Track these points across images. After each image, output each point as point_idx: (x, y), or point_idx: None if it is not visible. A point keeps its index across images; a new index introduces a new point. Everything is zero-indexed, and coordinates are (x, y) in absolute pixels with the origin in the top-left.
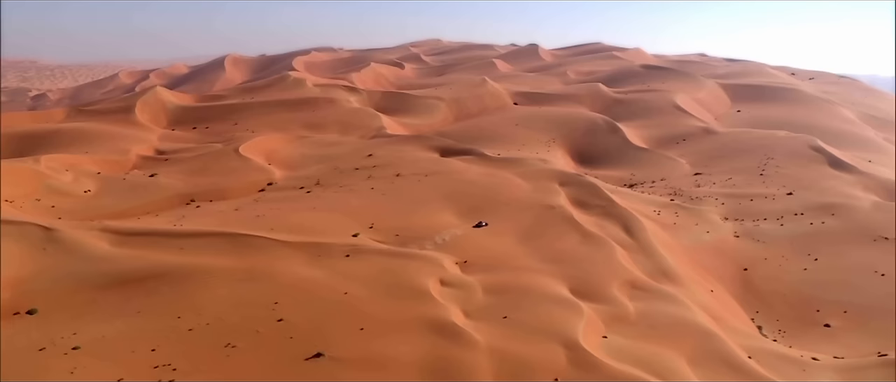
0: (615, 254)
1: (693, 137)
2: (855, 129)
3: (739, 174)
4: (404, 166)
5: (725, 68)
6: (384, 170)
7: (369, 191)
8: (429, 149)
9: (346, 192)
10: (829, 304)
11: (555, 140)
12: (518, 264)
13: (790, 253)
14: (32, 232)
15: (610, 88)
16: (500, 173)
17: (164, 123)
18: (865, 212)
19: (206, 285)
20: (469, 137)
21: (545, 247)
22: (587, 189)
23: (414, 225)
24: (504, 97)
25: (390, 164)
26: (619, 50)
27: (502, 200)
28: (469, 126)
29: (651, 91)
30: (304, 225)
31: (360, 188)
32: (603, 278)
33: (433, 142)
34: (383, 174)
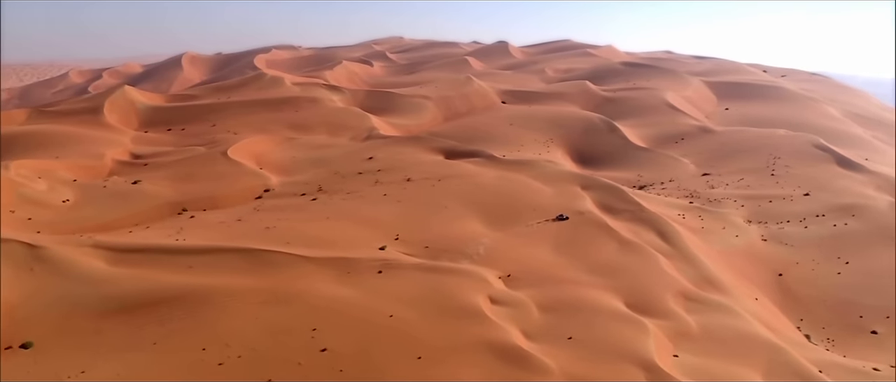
0: (659, 263)
1: (691, 136)
2: (843, 127)
3: (750, 174)
4: (411, 170)
5: (699, 65)
6: (391, 175)
7: (382, 198)
8: (432, 151)
9: (357, 200)
10: (870, 309)
11: (553, 140)
12: (563, 276)
13: (820, 256)
14: (15, 250)
15: (597, 86)
16: (515, 176)
17: (136, 125)
18: (884, 213)
19: (228, 310)
20: (465, 138)
21: (585, 257)
22: (612, 192)
23: (441, 236)
24: (491, 96)
25: (395, 168)
26: (592, 47)
27: (527, 206)
28: (461, 126)
29: (639, 89)
30: (322, 237)
31: (370, 195)
32: (654, 290)
33: (435, 143)
34: (391, 179)
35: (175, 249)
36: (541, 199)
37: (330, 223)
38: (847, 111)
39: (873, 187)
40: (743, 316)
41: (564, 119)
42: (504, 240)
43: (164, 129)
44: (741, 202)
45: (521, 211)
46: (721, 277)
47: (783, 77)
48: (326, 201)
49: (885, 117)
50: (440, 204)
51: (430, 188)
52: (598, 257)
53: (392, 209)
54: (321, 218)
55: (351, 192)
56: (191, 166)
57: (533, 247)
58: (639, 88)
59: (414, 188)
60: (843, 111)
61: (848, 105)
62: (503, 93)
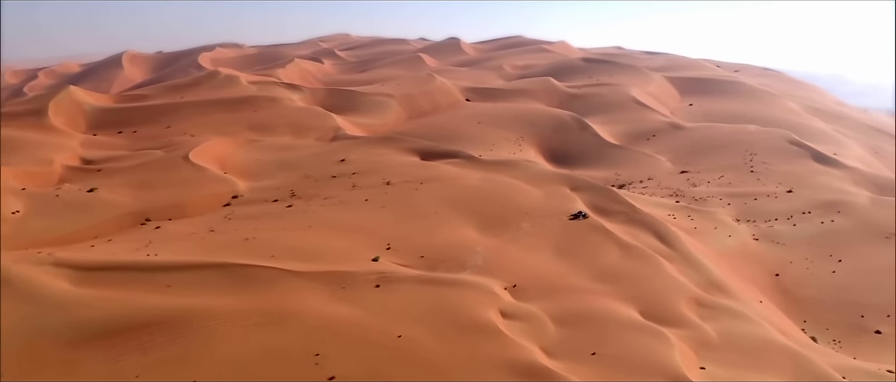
0: (664, 268)
1: (662, 133)
2: (805, 121)
3: (729, 171)
4: (389, 172)
5: (653, 61)
6: (368, 178)
7: (364, 204)
8: (407, 152)
9: (337, 206)
10: (870, 309)
11: (524, 138)
12: (570, 285)
13: (812, 255)
14: None
15: (561, 83)
16: (499, 178)
17: (83, 127)
18: (867, 210)
19: (217, 334)
20: (435, 137)
21: (588, 263)
22: (602, 193)
23: (435, 244)
24: (455, 93)
25: (371, 170)
26: (546, 43)
27: (519, 209)
28: (428, 125)
29: (604, 85)
30: (308, 248)
31: (351, 200)
32: (666, 296)
33: (409, 143)
34: (369, 182)
35: (148, 266)
36: (530, 202)
37: (313, 232)
38: (806, 105)
39: (851, 183)
40: (757, 322)
41: (533, 116)
42: (501, 247)
43: (115, 132)
44: (727, 200)
45: (512, 215)
46: (725, 280)
47: (736, 72)
48: (304, 208)
49: (840, 111)
50: (428, 210)
51: (412, 192)
52: (600, 262)
53: (377, 215)
54: (302, 226)
55: (329, 198)
56: (150, 172)
57: (532, 254)
58: (603, 84)
59: (396, 192)
60: (802, 106)
61: (805, 99)
62: (466, 90)
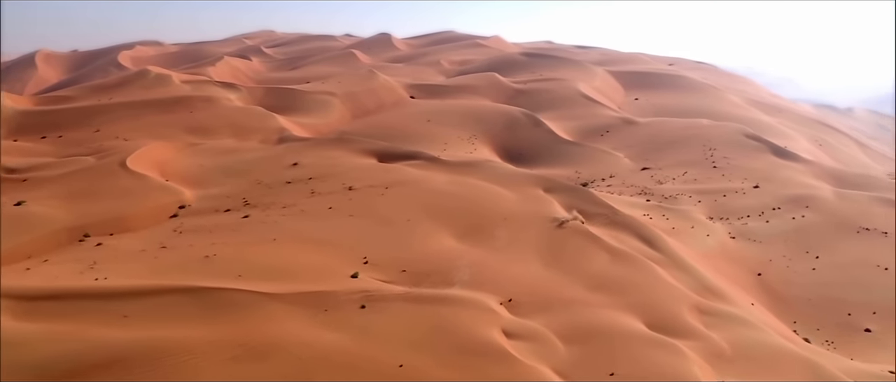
0: (657, 273)
1: (616, 128)
2: (750, 114)
3: (692, 167)
4: (349, 177)
5: (587, 55)
6: (327, 183)
7: (329, 213)
8: (363, 154)
9: (299, 216)
10: (855, 306)
11: (476, 137)
12: (567, 296)
13: (789, 252)
14: None
15: (506, 78)
16: (468, 181)
17: (2, 132)
18: (834, 204)
19: (190, 372)
20: (383, 137)
21: (579, 271)
22: (578, 195)
23: (415, 256)
24: (398, 90)
25: (329, 175)
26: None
27: (496, 214)
28: (375, 124)
29: (549, 80)
30: (278, 266)
31: (313, 209)
32: (667, 305)
33: (364, 144)
34: (329, 188)
35: (99, 292)
36: (507, 206)
37: (280, 247)
38: (746, 98)
39: (812, 176)
40: (760, 327)
41: (483, 113)
42: (485, 257)
43: (38, 137)
44: (697, 198)
45: (490, 222)
46: (716, 283)
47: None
48: (262, 218)
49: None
50: (399, 217)
51: (379, 198)
52: (591, 270)
53: (347, 226)
54: (266, 240)
55: (288, 206)
56: (83, 181)
57: (520, 264)
58: (548, 79)
59: (361, 198)
60: (743, 98)
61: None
62: (409, 87)
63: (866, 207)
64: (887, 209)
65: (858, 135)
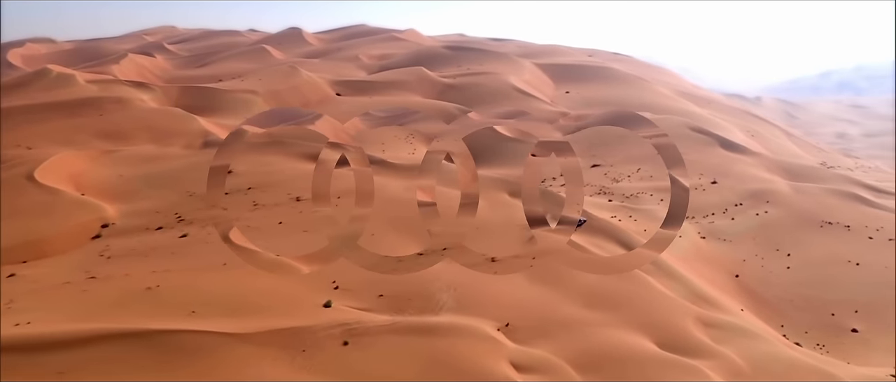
0: (651, 284)
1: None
2: (684, 106)
3: (644, 163)
4: (293, 185)
5: (505, 47)
6: (270, 193)
7: (281, 229)
8: (302, 159)
9: (245, 233)
10: (836, 305)
11: (413, 136)
12: (565, 317)
13: (760, 251)
14: None
15: (433, 72)
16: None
17: None
18: (793, 198)
19: None
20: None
21: (570, 285)
22: None
23: (390, 277)
24: (323, 87)
25: (270, 184)
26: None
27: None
28: None
29: (479, 74)
30: (235, 298)
31: (259, 224)
32: (670, 319)
33: (301, 147)
34: (274, 199)
35: (24, 343)
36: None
37: (233, 273)
38: (674, 89)
39: (765, 169)
40: (764, 338)
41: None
42: (467, 275)
43: None
44: (659, 196)
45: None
46: (705, 290)
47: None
48: (203, 237)
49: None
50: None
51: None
52: (582, 283)
53: (304, 244)
54: (215, 265)
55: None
56: None
57: (504, 280)
58: (477, 73)
59: (312, 211)
60: (672, 90)
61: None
62: (333, 83)
63: (823, 200)
64: (842, 201)
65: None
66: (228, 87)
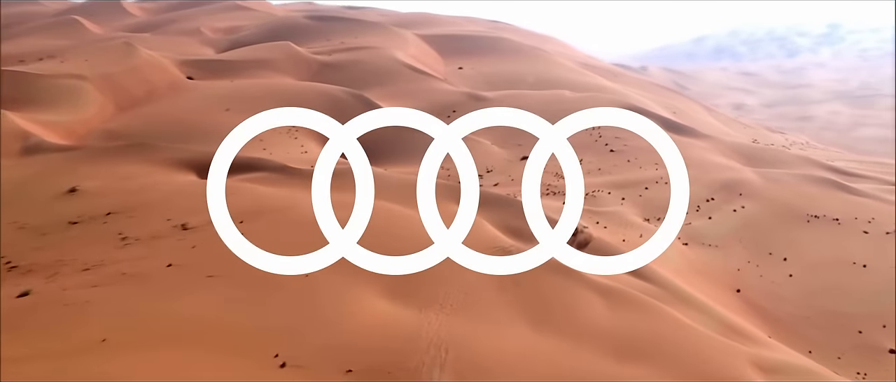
0: (673, 317)
1: (462, 107)
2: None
3: (586, 153)
4: (171, 207)
5: (368, 15)
6: (141, 220)
7: (170, 274)
8: (173, 167)
9: (119, 282)
10: (859, 319)
11: (300, 129)
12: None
13: (752, 256)
14: None
15: (302, 48)
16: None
17: None
18: (766, 188)
19: None
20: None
21: (581, 330)
22: (508, 208)
23: (352, 340)
24: (170, 69)
25: (138, 206)
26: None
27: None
28: (153, 118)
29: (357, 48)
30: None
31: (138, 269)
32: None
33: (169, 153)
34: (149, 228)
35: None
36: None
37: (122, 353)
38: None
39: (720, 155)
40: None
41: (296, 96)
42: (450, 326)
43: None
44: (618, 194)
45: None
46: (730, 317)
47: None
48: (57, 296)
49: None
50: None
51: None
52: (596, 326)
53: (214, 296)
54: (90, 343)
55: (94, 268)
56: None
57: (500, 329)
58: (355, 48)
59: (210, 244)
60: (576, 62)
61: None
62: (181, 65)
63: (798, 188)
64: (819, 189)
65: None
66: (42, 71)
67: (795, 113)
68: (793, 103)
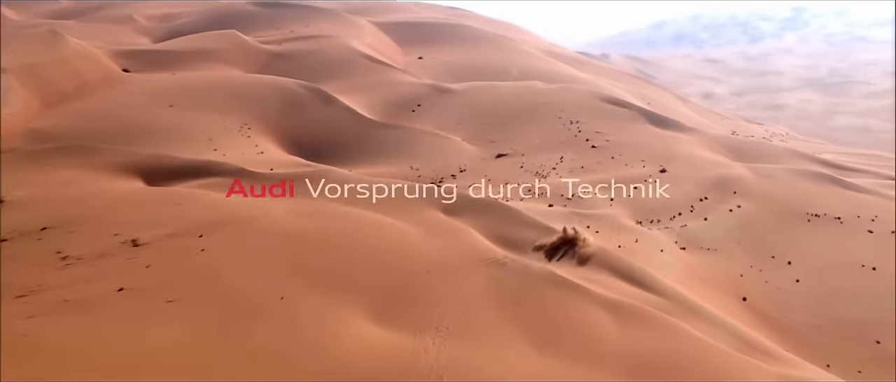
0: (688, 333)
1: (427, 100)
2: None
3: (565, 150)
4: (118, 219)
5: (321, 2)
6: (84, 236)
7: (121, 300)
8: (117, 173)
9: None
10: (874, 328)
11: (249, 125)
12: None
13: (754, 260)
14: None
15: (251, 37)
16: (326, 208)
17: None
18: (760, 185)
19: None
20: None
21: (591, 350)
22: (496, 214)
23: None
24: (103, 61)
25: (78, 219)
26: None
27: (411, 268)
28: (87, 114)
29: (310, 37)
30: None
31: (84, 295)
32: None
33: (106, 155)
34: (94, 245)
35: None
36: (414, 249)
37: None
38: (538, 48)
39: (707, 149)
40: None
41: (246, 90)
42: (450, 352)
43: None
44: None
45: (411, 282)
46: (746, 331)
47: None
48: None
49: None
50: (261, 293)
51: (196, 258)
52: (607, 344)
53: (177, 324)
54: None
55: (30, 295)
56: None
57: (503, 351)
58: (308, 37)
59: (166, 262)
60: (538, 49)
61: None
62: (115, 55)
63: (794, 184)
64: (815, 184)
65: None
66: None
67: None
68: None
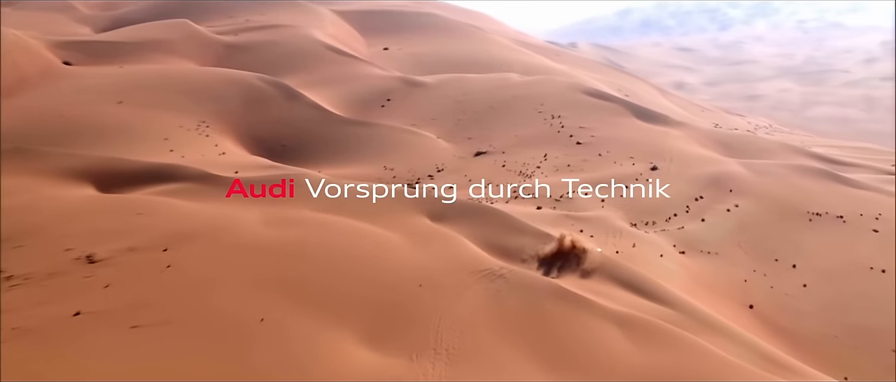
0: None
1: (397, 94)
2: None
3: (548, 146)
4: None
5: None
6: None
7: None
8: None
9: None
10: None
11: (208, 123)
12: None
13: (756, 264)
14: None
15: (204, 27)
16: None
17: None
18: (756, 183)
19: None
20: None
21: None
22: (488, 220)
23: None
24: (43, 53)
25: (26, 232)
26: None
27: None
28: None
29: (269, 27)
30: None
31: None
32: None
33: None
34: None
35: None
36: (403, 261)
37: None
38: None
39: (698, 144)
40: None
41: (203, 85)
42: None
43: None
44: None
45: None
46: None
47: None
48: None
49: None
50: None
51: (166, 277)
52: (623, 364)
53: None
54: None
55: None
56: None
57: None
58: (265, 27)
59: (128, 281)
60: (512, 40)
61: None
62: (55, 47)
63: (791, 181)
64: (813, 181)
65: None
66: None
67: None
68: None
